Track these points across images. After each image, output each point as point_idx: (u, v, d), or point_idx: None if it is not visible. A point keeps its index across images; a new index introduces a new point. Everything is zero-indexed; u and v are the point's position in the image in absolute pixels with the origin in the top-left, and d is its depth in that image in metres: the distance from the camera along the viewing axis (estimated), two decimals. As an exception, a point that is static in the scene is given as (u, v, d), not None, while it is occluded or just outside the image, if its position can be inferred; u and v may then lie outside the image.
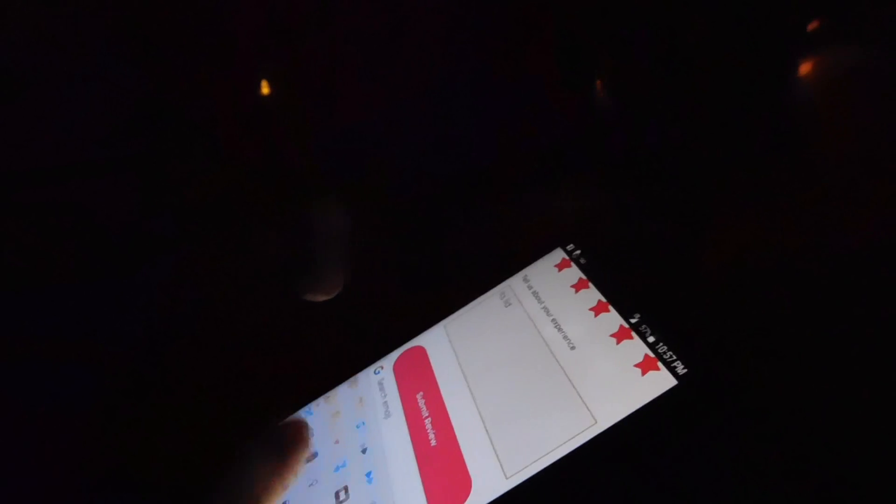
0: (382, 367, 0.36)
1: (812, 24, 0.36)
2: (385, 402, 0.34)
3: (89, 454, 0.36)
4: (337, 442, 0.33)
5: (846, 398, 0.27)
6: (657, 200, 0.38)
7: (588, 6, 0.40)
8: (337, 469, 0.32)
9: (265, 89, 0.40)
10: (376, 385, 0.35)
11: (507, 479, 0.28)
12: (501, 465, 0.28)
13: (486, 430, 0.30)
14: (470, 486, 0.29)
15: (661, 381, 0.28)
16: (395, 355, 0.36)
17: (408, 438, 0.32)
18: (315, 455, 0.33)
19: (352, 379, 0.36)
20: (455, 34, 0.41)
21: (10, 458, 0.35)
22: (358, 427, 0.34)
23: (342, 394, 0.36)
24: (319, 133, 0.41)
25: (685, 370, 0.27)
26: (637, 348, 0.29)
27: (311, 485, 0.32)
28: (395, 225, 0.41)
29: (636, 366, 0.29)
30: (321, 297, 0.39)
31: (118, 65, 0.37)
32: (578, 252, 0.35)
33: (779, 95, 0.37)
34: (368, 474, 0.31)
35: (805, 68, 0.36)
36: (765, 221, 0.34)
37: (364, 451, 0.32)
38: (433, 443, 0.31)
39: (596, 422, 0.28)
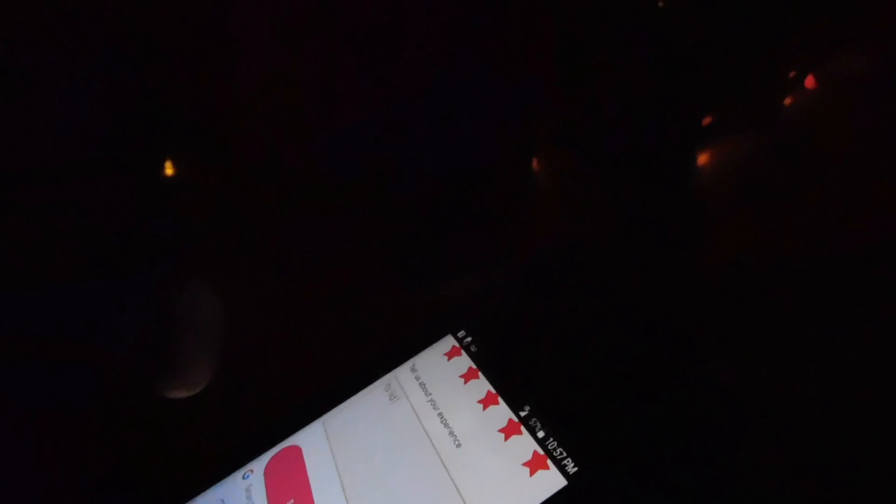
0: (252, 471, 0.32)
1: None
2: None
3: (89, 454, 0.36)
4: None
5: (846, 400, 0.27)
6: (657, 200, 0.38)
7: (588, 6, 0.40)
8: None
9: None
10: (243, 493, 0.32)
11: None
12: None
13: None
14: None
15: (550, 482, 0.26)
16: (267, 456, 0.33)
17: None
18: None
19: (217, 486, 0.33)
20: (455, 34, 0.41)
21: (10, 458, 0.35)
22: None
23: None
24: (319, 133, 0.41)
25: (575, 468, 0.26)
26: (526, 444, 0.27)
27: None
28: (395, 225, 0.41)
29: (524, 464, 0.27)
30: (182, 394, 0.37)
31: (118, 65, 0.37)
32: (469, 339, 0.33)
33: (778, 95, 0.37)
34: None
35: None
36: (765, 221, 0.34)
37: None
38: None
39: None
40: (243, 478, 0.32)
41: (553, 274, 0.36)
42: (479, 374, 0.31)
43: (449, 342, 0.34)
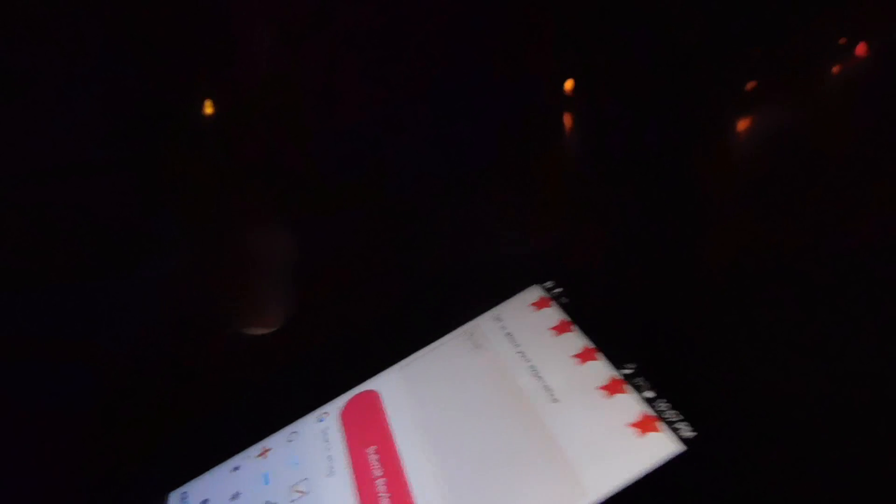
0: (327, 414, 0.31)
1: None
2: (329, 457, 0.29)
3: (89, 454, 0.36)
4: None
5: (846, 400, 0.27)
6: (657, 200, 0.38)
7: (588, 6, 0.40)
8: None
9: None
10: (319, 435, 0.30)
11: None
12: None
13: (450, 495, 0.25)
14: None
15: (663, 446, 0.24)
16: (342, 400, 0.31)
17: (355, 502, 0.27)
18: None
19: (290, 427, 0.32)
20: (455, 34, 0.41)
21: (10, 458, 0.35)
22: (292, 490, 0.28)
23: (276, 446, 0.31)
24: (319, 133, 0.41)
25: (692, 433, 0.24)
26: (632, 404, 0.25)
27: None
28: (395, 225, 0.41)
29: (631, 425, 0.25)
30: (261, 331, 0.37)
31: (118, 65, 0.37)
32: (559, 290, 0.31)
33: (778, 95, 0.37)
34: None
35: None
36: (765, 221, 0.34)
37: None
38: None
39: (584, 491, 0.24)
40: (318, 420, 0.31)
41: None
42: (573, 327, 0.29)
43: (535, 292, 0.32)
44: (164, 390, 0.37)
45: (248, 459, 0.31)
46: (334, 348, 0.35)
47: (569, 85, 0.39)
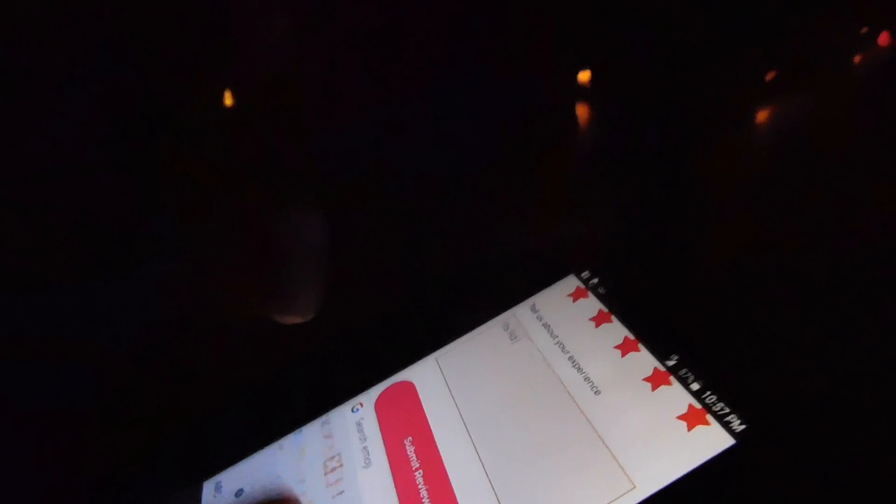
0: (362, 405, 0.31)
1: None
2: (365, 448, 0.29)
3: (89, 454, 0.36)
4: (305, 495, 0.28)
5: (846, 400, 0.27)
6: (657, 201, 0.38)
7: (588, 6, 0.40)
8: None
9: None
10: (353, 426, 0.30)
11: None
12: None
13: (494, 491, 0.25)
14: None
15: (714, 440, 0.23)
16: (377, 390, 0.31)
17: (393, 494, 0.26)
18: None
19: (323, 418, 0.31)
20: (455, 34, 0.41)
21: (10, 458, 0.35)
22: (329, 482, 0.28)
23: (309, 436, 0.30)
24: (319, 133, 0.41)
25: (743, 426, 0.23)
26: (679, 396, 0.25)
27: None
28: (395, 225, 0.41)
29: (679, 418, 0.24)
30: (294, 320, 0.36)
31: (118, 65, 0.37)
32: (596, 280, 0.31)
33: (778, 95, 0.37)
34: None
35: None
36: (765, 221, 0.34)
37: None
38: (425, 502, 0.25)
39: (635, 486, 0.23)
40: (352, 411, 0.31)
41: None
42: (613, 317, 0.29)
43: (572, 283, 0.31)
44: (164, 390, 0.37)
45: (282, 450, 0.31)
46: (369, 338, 0.35)
47: (584, 76, 0.39)
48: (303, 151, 0.41)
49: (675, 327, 0.27)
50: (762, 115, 0.37)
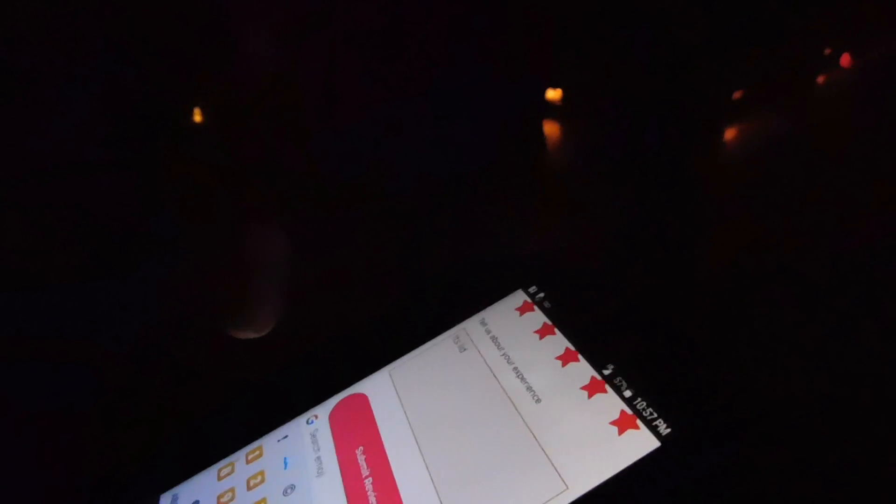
0: (317, 417, 0.32)
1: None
2: (318, 458, 0.30)
3: (89, 454, 0.36)
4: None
5: (846, 400, 0.27)
6: (657, 200, 0.38)
7: (588, 6, 0.40)
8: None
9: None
10: (308, 437, 0.31)
11: None
12: None
13: (437, 494, 0.26)
14: None
15: (642, 442, 0.25)
16: (331, 403, 0.32)
17: (344, 501, 0.27)
18: None
19: (280, 430, 0.32)
20: (455, 34, 0.41)
21: (10, 458, 0.35)
22: (286, 493, 0.29)
23: (267, 447, 0.32)
24: (319, 133, 0.41)
25: (668, 430, 0.25)
26: (612, 403, 0.26)
27: None
28: (395, 226, 0.41)
29: (612, 423, 0.26)
30: (250, 335, 0.37)
31: (118, 65, 0.37)
32: (542, 295, 0.33)
33: (778, 95, 0.37)
34: None
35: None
36: (765, 221, 0.34)
37: None
38: None
39: (567, 487, 0.24)
40: (307, 423, 0.32)
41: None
42: (556, 330, 0.30)
43: (520, 297, 0.33)
44: (164, 390, 0.37)
45: (238, 461, 0.32)
46: (325, 352, 0.36)
47: (554, 94, 0.39)
48: (303, 151, 0.41)
49: (610, 338, 0.29)
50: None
